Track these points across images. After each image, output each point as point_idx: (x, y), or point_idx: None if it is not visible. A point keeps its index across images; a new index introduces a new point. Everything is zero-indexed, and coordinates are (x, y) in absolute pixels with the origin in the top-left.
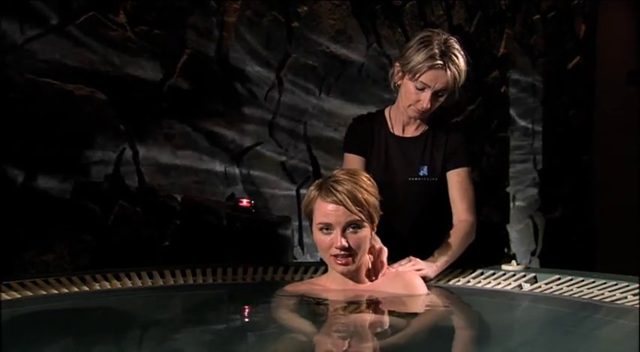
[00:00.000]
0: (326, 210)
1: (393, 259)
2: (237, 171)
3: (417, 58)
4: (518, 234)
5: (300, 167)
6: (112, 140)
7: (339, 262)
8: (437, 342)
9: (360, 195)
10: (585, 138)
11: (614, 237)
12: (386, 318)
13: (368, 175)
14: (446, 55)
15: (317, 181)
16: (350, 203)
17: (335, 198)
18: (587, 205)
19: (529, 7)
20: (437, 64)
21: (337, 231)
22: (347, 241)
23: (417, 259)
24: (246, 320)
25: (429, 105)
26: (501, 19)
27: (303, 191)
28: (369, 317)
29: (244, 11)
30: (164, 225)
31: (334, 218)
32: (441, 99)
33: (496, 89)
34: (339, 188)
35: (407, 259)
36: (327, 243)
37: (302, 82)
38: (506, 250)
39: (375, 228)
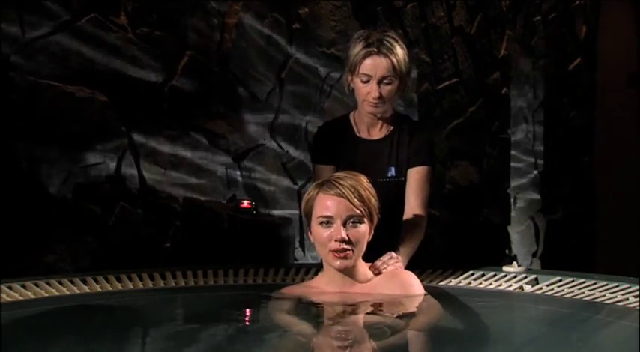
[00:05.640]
0: (328, 203)
1: (370, 259)
2: (238, 172)
3: (354, 51)
4: (519, 235)
5: (301, 168)
6: (113, 141)
7: (338, 256)
8: (437, 344)
9: (362, 192)
10: (586, 140)
11: (614, 238)
12: (384, 319)
13: (368, 179)
14: (379, 41)
15: (316, 182)
16: (352, 196)
17: (338, 191)
18: (588, 206)
19: (530, 8)
20: (371, 51)
21: (338, 224)
22: (347, 234)
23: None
24: (245, 322)
25: (377, 94)
26: (502, 21)
27: (304, 192)
28: (366, 318)
29: (245, 13)
30: (165, 227)
31: (335, 210)
32: (389, 87)
33: (497, 90)
34: (342, 183)
35: (388, 255)
36: (326, 237)
37: (303, 84)
38: (507, 251)
39: (373, 231)
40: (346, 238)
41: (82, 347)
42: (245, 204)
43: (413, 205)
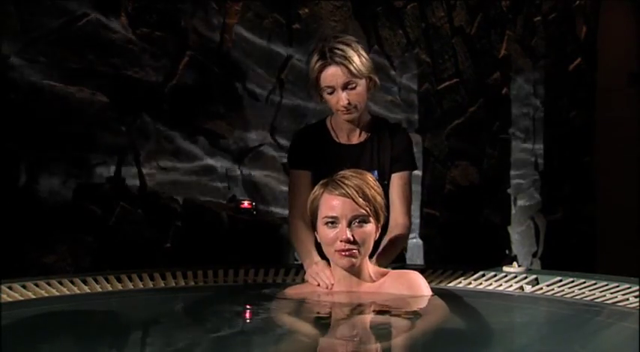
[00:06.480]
0: (333, 203)
1: None
2: (238, 172)
3: (310, 66)
4: (519, 235)
5: None
6: (113, 142)
7: (344, 254)
8: (440, 344)
9: (367, 191)
10: (586, 140)
11: (615, 238)
12: (391, 319)
13: (374, 176)
14: (330, 50)
15: (322, 181)
16: (357, 196)
17: (343, 191)
18: (588, 207)
19: (530, 8)
20: (324, 63)
21: (343, 224)
22: (352, 234)
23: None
24: (249, 323)
25: (345, 101)
26: (502, 21)
27: None
28: (373, 318)
29: (245, 13)
30: (165, 227)
31: (340, 211)
32: (355, 91)
33: (497, 90)
34: (347, 182)
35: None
36: (332, 237)
37: (303, 84)
38: (507, 252)
39: (380, 229)
40: (351, 239)
41: (82, 347)
42: (245, 204)
43: (399, 212)
